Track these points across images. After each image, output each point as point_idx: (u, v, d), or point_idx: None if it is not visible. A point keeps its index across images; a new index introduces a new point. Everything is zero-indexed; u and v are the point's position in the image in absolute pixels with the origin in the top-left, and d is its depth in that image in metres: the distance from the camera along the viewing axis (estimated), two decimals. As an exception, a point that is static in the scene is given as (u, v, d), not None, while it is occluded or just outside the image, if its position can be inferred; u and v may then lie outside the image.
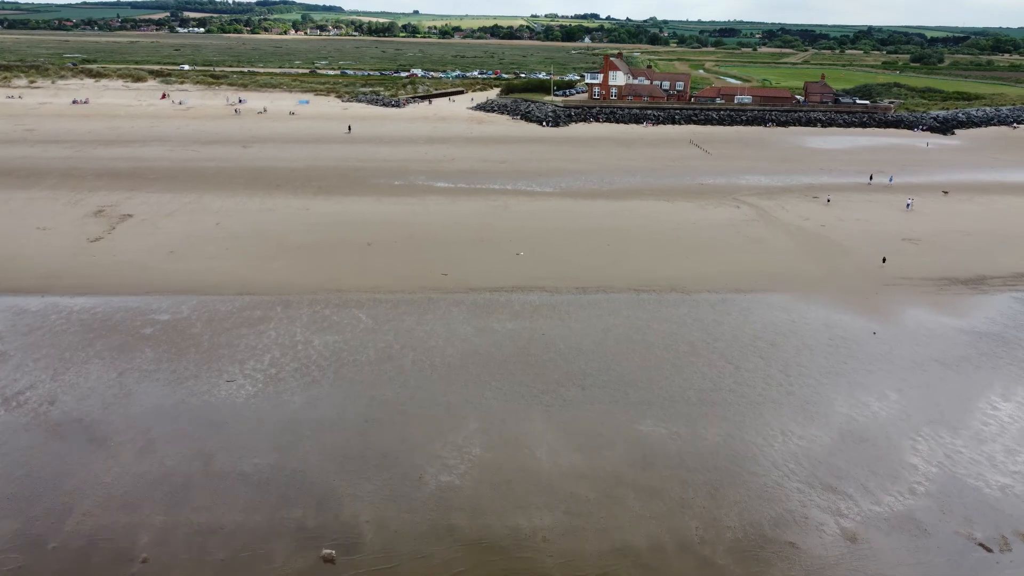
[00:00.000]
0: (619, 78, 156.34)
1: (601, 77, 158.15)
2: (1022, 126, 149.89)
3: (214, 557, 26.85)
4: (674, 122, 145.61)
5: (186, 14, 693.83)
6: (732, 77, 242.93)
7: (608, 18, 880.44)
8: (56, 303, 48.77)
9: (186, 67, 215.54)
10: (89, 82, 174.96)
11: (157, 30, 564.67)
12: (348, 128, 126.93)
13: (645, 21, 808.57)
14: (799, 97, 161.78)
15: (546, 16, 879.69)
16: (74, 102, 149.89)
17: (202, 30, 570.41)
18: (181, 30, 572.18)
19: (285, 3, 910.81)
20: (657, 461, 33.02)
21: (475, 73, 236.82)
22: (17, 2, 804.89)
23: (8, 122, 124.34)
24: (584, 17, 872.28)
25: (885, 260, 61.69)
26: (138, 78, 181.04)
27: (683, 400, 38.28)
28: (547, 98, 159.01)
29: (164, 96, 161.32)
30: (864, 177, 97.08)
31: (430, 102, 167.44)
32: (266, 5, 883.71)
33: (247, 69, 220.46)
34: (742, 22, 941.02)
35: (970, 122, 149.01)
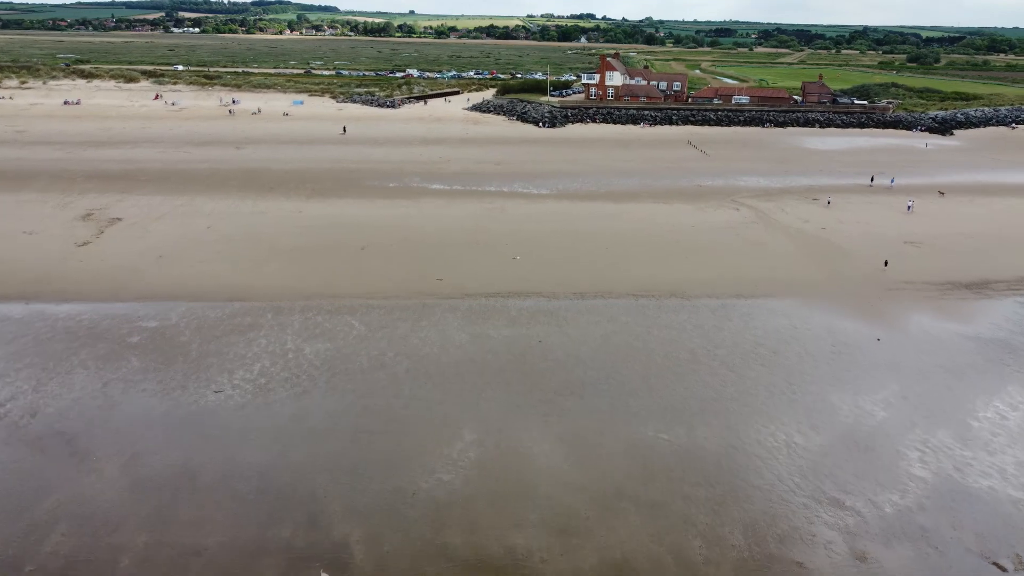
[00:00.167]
0: (616, 78, 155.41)
1: (598, 77, 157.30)
2: (1021, 126, 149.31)
3: (198, 580, 25.76)
4: (671, 123, 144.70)
5: (181, 14, 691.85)
6: (729, 77, 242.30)
7: (604, 18, 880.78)
8: (41, 310, 47.57)
9: (180, 67, 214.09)
10: (81, 83, 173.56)
11: (152, 30, 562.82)
12: (343, 129, 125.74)
13: (641, 21, 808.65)
14: (797, 97, 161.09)
15: (542, 16, 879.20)
16: (66, 103, 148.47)
17: (197, 30, 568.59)
18: (176, 30, 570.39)
19: (281, 3, 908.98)
20: (658, 474, 32.00)
21: (471, 73, 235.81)
22: (11, 2, 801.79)
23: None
24: (580, 17, 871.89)
25: (887, 263, 60.79)
26: (131, 79, 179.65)
27: (684, 410, 37.27)
28: (543, 98, 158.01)
29: (157, 97, 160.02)
30: (863, 178, 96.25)
31: (426, 103, 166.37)
32: (261, 5, 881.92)
33: (241, 69, 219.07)
34: (738, 22, 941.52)
35: (968, 122, 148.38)
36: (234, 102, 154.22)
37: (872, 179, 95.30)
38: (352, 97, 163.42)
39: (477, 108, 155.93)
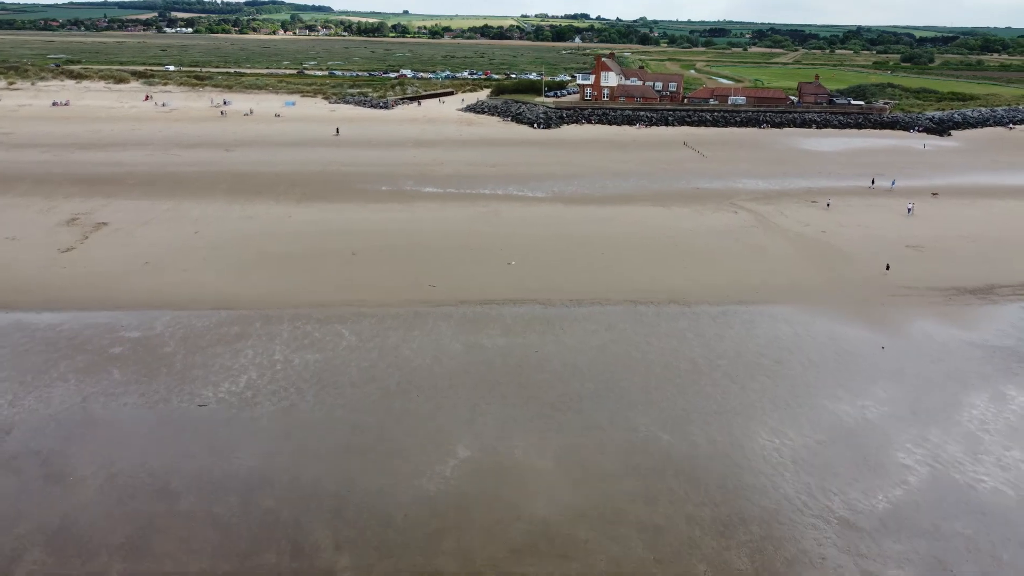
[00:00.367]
0: (611, 79, 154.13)
1: (593, 78, 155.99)
2: (1018, 127, 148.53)
3: (176, 613, 24.34)
4: (667, 123, 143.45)
5: (174, 14, 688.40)
6: (724, 77, 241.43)
7: (598, 18, 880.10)
8: (20, 320, 45.99)
9: (171, 68, 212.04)
10: (70, 83, 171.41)
11: (144, 30, 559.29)
12: (336, 131, 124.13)
13: (635, 21, 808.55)
14: (793, 98, 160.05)
15: (536, 16, 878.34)
16: (54, 104, 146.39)
17: (190, 30, 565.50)
18: (169, 30, 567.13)
19: (274, 3, 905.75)
20: (661, 494, 30.67)
21: (465, 74, 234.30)
22: (3, 3, 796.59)
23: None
24: (574, 17, 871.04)
25: (889, 267, 59.64)
26: (121, 79, 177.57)
27: (686, 424, 35.95)
28: (538, 99, 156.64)
29: (147, 98, 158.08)
30: (862, 180, 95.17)
31: (419, 103, 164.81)
32: (255, 5, 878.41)
33: (233, 70, 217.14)
34: (731, 22, 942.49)
35: (966, 123, 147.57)
36: (225, 103, 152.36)
37: (873, 181, 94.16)
38: (345, 98, 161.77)
39: (471, 109, 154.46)
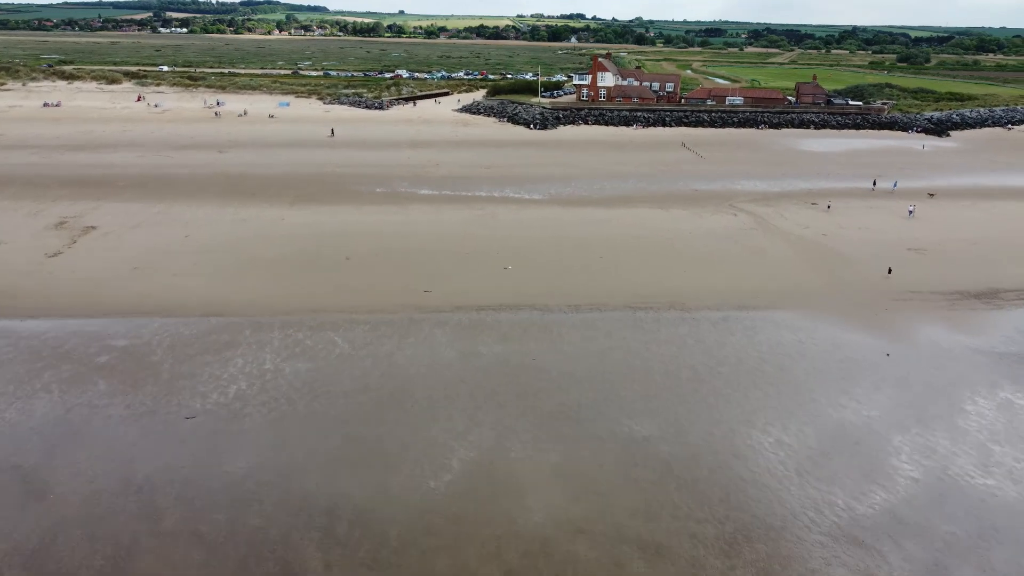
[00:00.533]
0: (608, 79, 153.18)
1: (590, 78, 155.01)
2: (1017, 127, 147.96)
3: (157, 641, 23.26)
4: (665, 124, 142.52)
5: (169, 14, 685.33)
6: (720, 77, 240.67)
7: (594, 18, 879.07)
8: (3, 327, 44.76)
9: (164, 68, 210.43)
10: (62, 84, 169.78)
11: (139, 30, 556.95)
12: (331, 132, 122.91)
13: (631, 21, 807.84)
14: (791, 98, 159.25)
15: (532, 16, 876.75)
16: (45, 105, 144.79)
17: (185, 30, 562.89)
18: (163, 30, 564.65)
19: (269, 3, 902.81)
20: (663, 510, 29.66)
21: (461, 74, 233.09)
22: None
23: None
24: (570, 17, 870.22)
25: (891, 271, 58.74)
26: (113, 80, 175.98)
27: (688, 435, 34.94)
28: (534, 100, 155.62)
29: (140, 99, 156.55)
30: (861, 181, 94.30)
31: (415, 104, 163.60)
32: (250, 5, 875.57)
33: (227, 70, 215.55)
34: (727, 22, 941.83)
35: (964, 123, 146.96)
36: (219, 104, 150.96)
37: (874, 183, 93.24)
38: (340, 98, 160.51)
39: (467, 109, 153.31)
